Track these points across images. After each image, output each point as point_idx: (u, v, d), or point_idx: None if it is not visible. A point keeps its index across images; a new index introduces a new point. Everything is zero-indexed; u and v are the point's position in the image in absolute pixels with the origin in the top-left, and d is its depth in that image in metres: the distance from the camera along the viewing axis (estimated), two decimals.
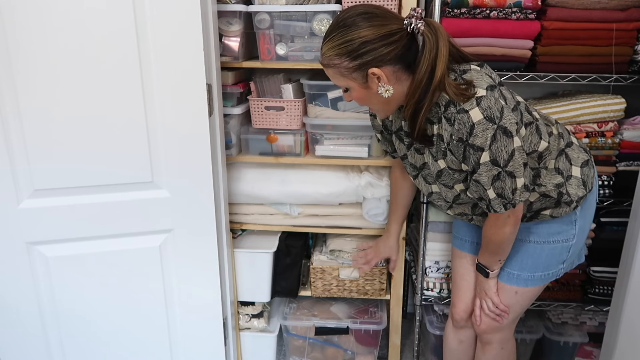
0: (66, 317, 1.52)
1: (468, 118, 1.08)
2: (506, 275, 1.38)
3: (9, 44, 1.22)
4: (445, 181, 1.27)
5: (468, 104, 1.08)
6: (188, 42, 1.32)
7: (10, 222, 1.37)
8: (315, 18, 1.58)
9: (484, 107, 1.07)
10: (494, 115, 1.08)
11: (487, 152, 1.10)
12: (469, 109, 1.08)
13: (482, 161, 1.11)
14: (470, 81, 1.11)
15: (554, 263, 1.35)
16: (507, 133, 1.09)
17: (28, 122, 1.29)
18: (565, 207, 1.28)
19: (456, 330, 1.57)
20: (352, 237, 1.89)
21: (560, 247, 1.33)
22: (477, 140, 1.09)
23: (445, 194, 1.33)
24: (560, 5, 1.53)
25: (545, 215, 1.30)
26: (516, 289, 1.38)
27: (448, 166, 1.22)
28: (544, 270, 1.36)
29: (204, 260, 1.55)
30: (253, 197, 1.78)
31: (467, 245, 1.51)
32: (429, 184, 1.35)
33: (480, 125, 1.07)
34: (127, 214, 1.44)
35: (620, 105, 1.62)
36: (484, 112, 1.07)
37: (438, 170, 1.26)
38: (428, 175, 1.33)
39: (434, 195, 1.37)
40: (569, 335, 1.88)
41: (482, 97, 1.08)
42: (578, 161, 1.30)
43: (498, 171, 1.13)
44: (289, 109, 1.69)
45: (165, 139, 1.39)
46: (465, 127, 1.09)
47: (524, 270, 1.36)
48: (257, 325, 1.92)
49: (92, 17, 1.25)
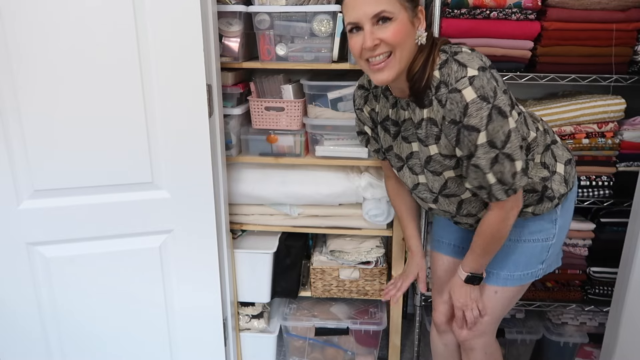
0: (66, 318, 1.51)
1: (461, 97, 1.04)
2: (486, 275, 1.35)
3: (8, 44, 1.22)
4: (434, 167, 1.22)
5: (460, 83, 1.04)
6: (188, 43, 1.32)
7: (10, 223, 1.37)
8: (315, 19, 1.58)
9: (476, 86, 1.04)
10: (488, 95, 1.04)
11: (484, 132, 1.05)
12: (461, 89, 1.04)
13: (479, 142, 1.07)
14: (462, 62, 1.07)
15: (534, 262, 1.33)
16: (502, 113, 1.05)
17: (28, 122, 1.29)
18: (548, 202, 1.26)
19: (440, 334, 1.54)
20: (352, 238, 1.89)
21: (540, 246, 1.32)
22: (471, 121, 1.05)
23: (432, 184, 1.27)
24: (560, 6, 1.53)
25: (527, 213, 1.28)
26: (495, 289, 1.35)
27: (439, 152, 1.17)
28: (523, 270, 1.33)
29: (204, 261, 1.55)
30: (253, 198, 1.78)
31: (448, 248, 1.49)
32: (415, 174, 1.29)
33: (475, 104, 1.04)
34: (127, 215, 1.44)
35: (620, 105, 1.62)
36: (477, 91, 1.04)
37: (427, 157, 1.20)
38: (415, 165, 1.28)
39: (419, 187, 1.31)
40: (569, 335, 1.88)
41: (474, 76, 1.04)
42: (562, 158, 1.29)
43: (496, 153, 1.08)
44: (289, 109, 1.69)
45: (165, 140, 1.39)
46: (459, 107, 1.05)
47: (503, 269, 1.33)
48: (257, 325, 1.91)
49: (92, 17, 1.25)
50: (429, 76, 1.10)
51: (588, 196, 1.69)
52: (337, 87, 1.67)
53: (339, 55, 1.62)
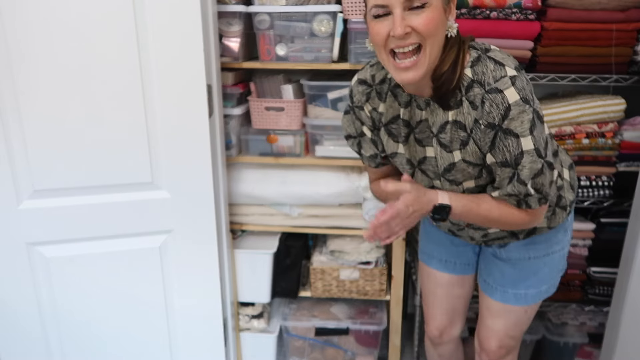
0: (66, 318, 1.51)
1: (503, 98, 0.94)
2: (514, 297, 1.29)
3: (9, 44, 1.22)
4: (455, 176, 1.10)
5: (501, 83, 0.95)
6: (188, 43, 1.32)
7: (10, 223, 1.37)
8: (315, 19, 1.58)
9: (518, 87, 0.94)
10: (529, 97, 0.95)
11: (530, 138, 0.96)
12: (503, 89, 0.94)
13: (525, 149, 0.97)
14: (499, 60, 0.98)
15: (555, 273, 1.30)
16: (540, 118, 0.98)
17: (28, 122, 1.29)
18: (562, 213, 1.21)
19: (434, 346, 1.52)
20: (352, 238, 1.89)
21: (558, 256, 1.28)
22: (513, 125, 0.95)
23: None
24: (560, 6, 1.53)
25: (543, 229, 1.22)
26: (525, 309, 1.30)
27: (463, 158, 1.06)
28: (548, 283, 1.29)
29: (204, 261, 1.55)
30: (253, 198, 1.77)
31: (440, 264, 1.41)
32: (429, 178, 1.17)
33: (518, 106, 0.94)
34: (127, 215, 1.44)
35: (620, 105, 1.62)
36: (520, 92, 0.94)
37: (450, 164, 1.08)
38: (428, 171, 1.15)
39: None
40: (569, 335, 1.88)
41: (515, 76, 0.95)
42: (566, 163, 1.25)
43: (541, 162, 0.99)
44: (289, 109, 1.69)
45: (165, 140, 1.39)
46: (499, 110, 0.95)
47: (530, 288, 1.28)
48: (257, 326, 1.91)
49: (92, 17, 1.25)
50: (460, 75, 0.99)
51: (588, 196, 1.69)
52: (337, 87, 1.67)
53: (339, 55, 1.62)
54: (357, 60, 1.60)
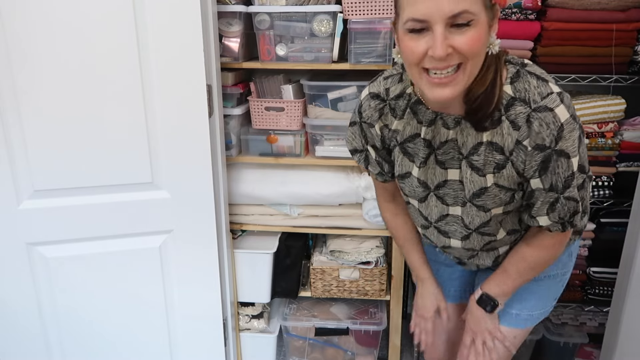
0: (66, 318, 1.52)
1: (554, 117, 0.86)
2: (506, 317, 1.17)
3: (9, 45, 1.22)
4: (484, 202, 0.99)
5: (550, 101, 0.86)
6: (188, 43, 1.32)
7: (10, 223, 1.37)
8: (315, 19, 1.58)
9: (567, 104, 0.87)
10: (575, 114, 0.88)
11: (577, 157, 0.89)
12: (553, 107, 0.86)
13: (575, 169, 0.90)
14: (541, 76, 0.90)
15: (551, 299, 1.20)
16: (583, 133, 0.92)
17: (28, 122, 1.29)
18: (572, 237, 1.12)
19: None
20: (352, 238, 1.89)
21: (557, 281, 1.19)
22: (565, 145, 0.87)
23: (472, 219, 1.04)
24: (560, 6, 1.53)
25: None
26: (515, 333, 1.18)
27: (496, 182, 0.96)
28: (541, 309, 1.19)
29: (204, 261, 1.55)
30: (253, 198, 1.77)
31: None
32: (446, 205, 1.05)
33: (569, 125, 0.86)
34: (127, 215, 1.44)
35: (620, 105, 1.62)
36: (569, 110, 0.87)
37: (480, 188, 0.98)
38: (447, 196, 1.04)
39: (448, 219, 1.07)
40: (569, 335, 1.88)
41: (562, 92, 0.88)
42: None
43: (583, 177, 0.92)
44: (289, 109, 1.69)
45: (165, 140, 1.39)
46: (552, 130, 0.86)
47: (523, 310, 1.17)
48: (257, 325, 1.91)
49: (92, 17, 1.25)
50: (500, 94, 0.90)
51: None
52: (337, 87, 1.67)
53: (339, 55, 1.62)
54: (357, 60, 1.60)
